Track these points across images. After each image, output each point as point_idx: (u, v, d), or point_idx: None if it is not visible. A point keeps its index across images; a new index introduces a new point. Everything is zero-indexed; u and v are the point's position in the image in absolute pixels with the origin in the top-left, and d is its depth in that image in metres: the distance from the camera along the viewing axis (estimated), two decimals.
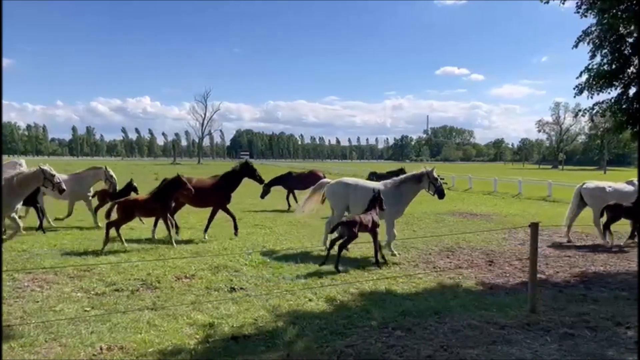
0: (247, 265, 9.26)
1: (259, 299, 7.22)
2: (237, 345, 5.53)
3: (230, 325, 6.14)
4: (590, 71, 9.08)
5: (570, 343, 5.58)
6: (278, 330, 5.94)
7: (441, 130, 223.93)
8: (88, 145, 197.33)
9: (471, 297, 7.62)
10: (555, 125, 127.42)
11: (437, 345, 5.49)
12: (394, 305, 6.97)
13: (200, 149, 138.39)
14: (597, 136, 64.88)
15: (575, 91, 9.24)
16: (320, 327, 6.06)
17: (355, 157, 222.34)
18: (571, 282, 8.81)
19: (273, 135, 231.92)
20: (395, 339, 5.68)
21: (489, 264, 10.12)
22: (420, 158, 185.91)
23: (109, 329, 5.89)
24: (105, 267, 8.84)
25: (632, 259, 10.85)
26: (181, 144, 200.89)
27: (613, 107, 9.06)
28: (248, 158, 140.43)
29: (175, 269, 8.90)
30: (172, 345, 5.46)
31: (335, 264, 9.06)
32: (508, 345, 5.52)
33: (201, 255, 10.10)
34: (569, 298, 7.62)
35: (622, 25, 8.53)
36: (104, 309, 6.71)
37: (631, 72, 8.88)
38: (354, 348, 5.38)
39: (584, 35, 9.15)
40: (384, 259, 9.85)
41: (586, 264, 10.30)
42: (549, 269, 9.80)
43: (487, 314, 6.61)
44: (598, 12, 8.77)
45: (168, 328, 5.98)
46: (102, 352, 5.29)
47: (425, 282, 8.52)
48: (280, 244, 11.72)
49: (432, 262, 10.18)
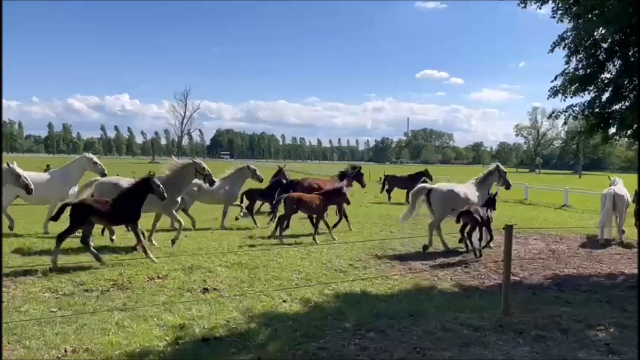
0: (222, 266, 9.12)
1: (232, 300, 7.11)
2: (207, 347, 5.42)
3: (201, 326, 6.02)
4: (565, 75, 9.18)
5: (542, 345, 5.60)
6: (250, 332, 5.84)
7: (421, 133, 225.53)
8: (65, 142, 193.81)
9: (446, 299, 7.63)
10: (533, 129, 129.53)
11: (410, 347, 5.46)
12: (369, 306, 6.93)
13: (179, 147, 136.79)
14: (572, 140, 66.17)
15: (549, 93, 9.34)
16: (293, 329, 5.98)
17: (336, 159, 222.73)
18: (544, 285, 8.89)
19: (254, 135, 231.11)
20: (368, 340, 5.63)
21: (464, 265, 10.16)
22: (400, 160, 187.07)
23: (75, 331, 5.72)
24: (75, 266, 8.63)
25: (603, 261, 11.01)
26: (160, 142, 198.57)
27: (586, 110, 9.18)
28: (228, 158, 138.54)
29: (148, 269, 8.73)
30: (140, 347, 5.32)
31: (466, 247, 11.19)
32: (481, 347, 5.51)
33: (175, 255, 9.93)
34: (542, 300, 7.68)
35: (597, 30, 8.64)
36: (72, 309, 6.52)
37: (604, 77, 9.02)
38: (326, 350, 5.32)
39: (559, 40, 9.25)
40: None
41: (559, 266, 10.42)
42: (523, 271, 9.89)
43: (461, 315, 6.60)
44: (573, 17, 8.88)
45: (137, 329, 5.84)
46: (67, 354, 5.13)
47: (401, 284, 8.50)
48: (257, 244, 11.60)
49: (408, 264, 10.19)
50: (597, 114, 9.07)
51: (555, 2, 9.23)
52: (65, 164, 13.38)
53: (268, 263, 9.50)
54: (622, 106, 8.92)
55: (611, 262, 10.99)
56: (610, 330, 6.13)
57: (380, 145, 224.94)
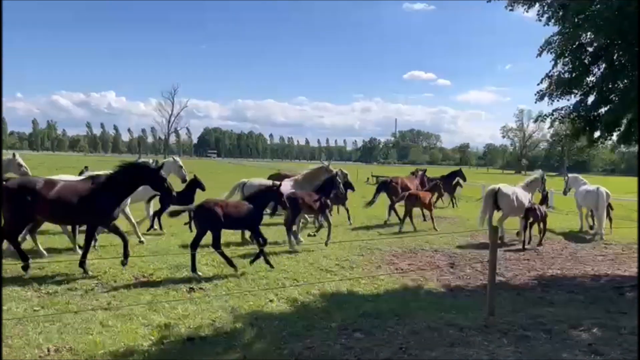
0: (208, 265, 9.08)
1: (218, 300, 7.08)
2: (193, 346, 5.40)
3: (187, 326, 5.99)
4: (551, 78, 9.28)
5: (526, 345, 5.64)
6: (236, 332, 5.83)
7: (409, 134, 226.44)
8: (49, 139, 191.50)
9: (432, 299, 7.67)
10: (519, 131, 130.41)
11: (396, 347, 5.47)
12: (355, 306, 6.94)
13: (166, 146, 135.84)
14: (558, 142, 67.06)
15: (536, 97, 9.43)
16: (279, 328, 5.97)
17: (324, 159, 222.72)
18: (529, 285, 8.98)
19: (242, 134, 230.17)
20: (354, 340, 5.64)
21: (450, 266, 10.23)
22: (388, 161, 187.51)
23: (59, 330, 5.66)
24: (59, 265, 8.54)
25: (587, 262, 11.15)
26: (147, 140, 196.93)
27: (571, 113, 9.28)
28: (215, 156, 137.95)
29: (134, 268, 8.66)
30: (124, 347, 5.28)
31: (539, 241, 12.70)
32: (466, 347, 5.54)
33: (161, 254, 9.87)
34: (527, 301, 7.75)
35: (584, 34, 8.74)
36: (55, 308, 6.45)
37: (590, 81, 9.12)
38: (312, 350, 5.32)
39: (546, 44, 9.33)
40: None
41: (544, 267, 10.52)
42: (509, 271, 9.97)
43: (446, 316, 6.64)
44: (559, 21, 8.97)
45: (122, 329, 5.79)
46: (50, 353, 5.08)
47: (387, 284, 8.53)
48: (244, 243, 11.56)
49: (395, 264, 10.23)
50: (583, 117, 9.18)
51: (541, 6, 9.31)
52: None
53: (255, 263, 9.46)
54: (607, 109, 9.03)
55: (594, 263, 11.13)
56: (594, 331, 6.20)
57: (368, 146, 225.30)
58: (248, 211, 9.03)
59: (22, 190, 8.06)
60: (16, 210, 8.07)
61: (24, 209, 8.08)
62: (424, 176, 19.60)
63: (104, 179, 8.62)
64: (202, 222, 8.79)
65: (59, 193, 8.22)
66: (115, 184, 8.58)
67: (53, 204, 8.16)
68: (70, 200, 8.24)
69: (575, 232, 15.87)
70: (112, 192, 8.58)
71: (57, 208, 8.26)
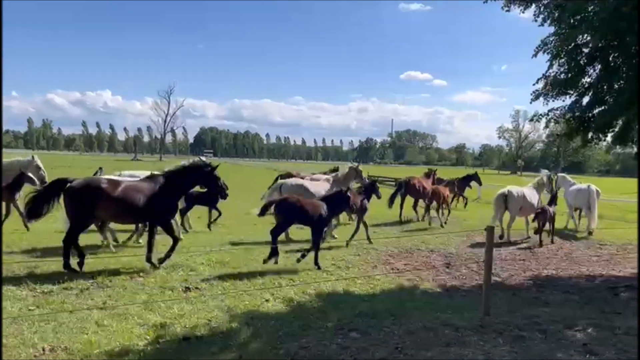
0: (204, 265, 9.07)
1: (214, 299, 7.07)
2: (189, 346, 5.39)
3: (182, 325, 5.98)
4: (547, 78, 9.32)
5: (521, 345, 5.66)
6: (232, 331, 5.82)
7: (405, 134, 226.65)
8: (45, 138, 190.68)
9: (428, 299, 7.69)
10: (515, 132, 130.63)
11: (392, 347, 5.48)
12: (351, 306, 6.95)
13: (162, 145, 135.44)
14: (553, 142, 67.41)
15: (531, 97, 9.47)
16: (275, 328, 5.97)
17: (320, 158, 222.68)
18: (525, 285, 9.01)
19: (238, 133, 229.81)
20: (350, 340, 5.64)
21: (446, 266, 10.25)
22: (384, 161, 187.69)
23: (54, 329, 5.64)
24: (54, 264, 8.49)
25: (581, 263, 11.20)
26: (143, 140, 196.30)
27: (567, 114, 9.32)
28: (211, 156, 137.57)
29: (129, 267, 8.63)
30: (120, 346, 5.27)
31: (540, 237, 13.06)
32: (462, 347, 5.55)
33: (157, 253, 9.81)
34: (522, 301, 7.78)
35: (580, 35, 8.78)
36: (50, 308, 6.42)
37: (585, 82, 9.16)
38: (308, 350, 5.32)
39: (542, 45, 9.37)
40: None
41: (539, 267, 10.56)
42: (504, 272, 10.00)
43: (442, 316, 6.65)
44: (555, 22, 9.00)
45: (117, 328, 5.78)
46: (45, 353, 5.06)
47: (383, 284, 8.54)
48: (240, 243, 11.56)
49: (390, 264, 10.24)
50: (578, 117, 9.22)
51: (537, 7, 9.35)
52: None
53: (251, 262, 9.46)
54: (602, 110, 9.07)
55: (589, 263, 11.18)
56: (588, 331, 6.22)
57: (365, 146, 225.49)
58: (322, 210, 9.54)
59: (86, 190, 8.33)
60: (80, 209, 8.36)
61: (88, 208, 8.35)
62: (434, 176, 19.97)
63: (164, 179, 8.93)
64: (286, 213, 9.36)
65: (122, 193, 8.48)
66: (175, 183, 8.95)
67: (117, 203, 8.41)
68: (133, 200, 8.51)
69: (569, 232, 15.95)
70: (172, 192, 8.94)
71: (120, 207, 8.52)
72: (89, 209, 8.38)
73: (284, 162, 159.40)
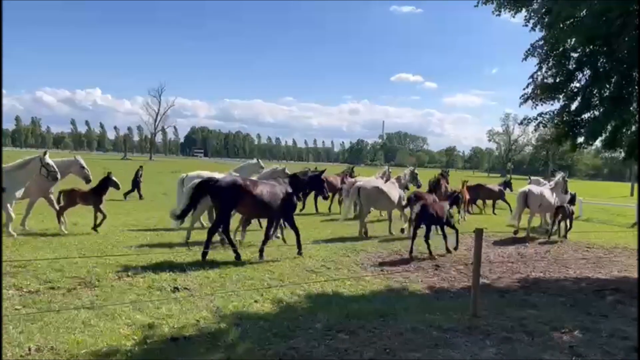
0: (193, 265, 9.02)
1: (202, 300, 7.04)
2: (176, 346, 5.36)
3: (170, 326, 5.94)
4: (535, 81, 9.40)
5: (508, 347, 5.70)
6: (220, 332, 5.80)
7: (396, 136, 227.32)
8: (33, 136, 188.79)
9: (416, 301, 7.71)
10: (505, 135, 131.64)
11: (380, 348, 5.50)
12: (340, 307, 6.95)
13: (152, 144, 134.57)
14: (542, 146, 68.14)
15: (521, 100, 9.55)
16: (264, 329, 5.95)
17: (311, 159, 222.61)
18: (513, 288, 9.06)
19: (229, 133, 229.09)
20: (339, 341, 5.65)
21: (435, 268, 10.29)
22: (375, 162, 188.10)
23: (40, 329, 5.57)
24: (41, 263, 8.42)
25: (569, 265, 11.29)
26: (133, 139, 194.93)
27: (555, 118, 9.40)
28: (202, 156, 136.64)
29: (117, 266, 8.58)
30: (107, 347, 5.22)
31: (558, 234, 14.91)
32: (449, 348, 5.59)
33: (145, 253, 9.79)
34: (510, 303, 7.82)
35: (568, 40, 8.86)
36: (37, 307, 6.36)
37: (574, 87, 9.25)
38: (296, 351, 5.31)
39: (532, 49, 9.44)
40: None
41: (527, 270, 10.64)
42: (493, 274, 10.06)
43: (430, 317, 6.68)
44: (544, 27, 9.08)
45: (104, 328, 5.73)
46: (31, 353, 5.00)
47: (373, 285, 8.56)
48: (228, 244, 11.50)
49: (380, 265, 10.27)
50: (566, 122, 9.30)
51: (528, 11, 9.42)
52: (238, 167, 15.18)
53: (240, 262, 9.45)
54: (590, 115, 9.16)
55: (576, 266, 11.28)
56: (575, 333, 6.29)
57: (356, 147, 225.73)
58: (445, 210, 11.37)
59: (232, 188, 9.62)
60: (225, 204, 9.73)
61: (232, 203, 9.75)
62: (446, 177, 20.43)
63: (289, 181, 10.60)
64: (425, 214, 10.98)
65: (261, 191, 9.89)
66: (297, 185, 10.62)
67: (256, 200, 9.79)
68: (269, 198, 9.95)
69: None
70: (295, 192, 10.54)
71: (258, 204, 9.89)
72: (233, 204, 9.75)
73: (274, 162, 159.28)
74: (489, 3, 9.60)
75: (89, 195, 12.35)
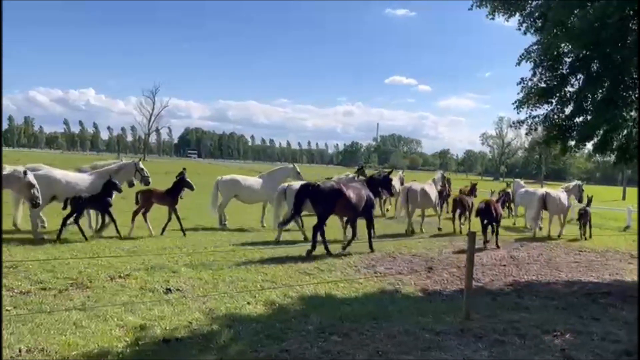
0: (186, 266, 9.00)
1: (195, 301, 7.02)
2: (168, 348, 5.34)
3: (162, 327, 5.92)
4: (528, 85, 9.44)
5: (500, 349, 5.72)
6: (212, 334, 5.78)
7: (390, 139, 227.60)
8: (26, 136, 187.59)
9: (409, 303, 7.72)
10: (498, 138, 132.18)
11: (373, 350, 5.50)
12: (333, 309, 6.95)
13: (146, 145, 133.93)
14: (534, 149, 68.63)
15: (515, 105, 9.58)
16: (256, 331, 5.94)
17: (305, 161, 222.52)
18: (505, 290, 9.09)
19: (223, 134, 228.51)
20: (331, 344, 5.65)
21: (428, 270, 10.31)
22: (369, 165, 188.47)
23: (31, 330, 5.54)
24: (33, 264, 8.37)
25: (561, 269, 11.34)
26: (126, 139, 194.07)
27: (546, 121, 9.45)
28: (195, 157, 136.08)
29: (109, 268, 8.54)
30: (98, 348, 5.20)
31: (582, 234, 16.10)
32: (441, 351, 5.60)
33: (138, 254, 9.75)
34: (502, 306, 7.85)
35: (562, 45, 8.92)
36: (28, 308, 6.32)
37: (567, 91, 9.30)
38: (289, 353, 5.31)
39: (526, 54, 9.49)
40: None
41: (520, 273, 10.68)
42: (485, 277, 10.09)
43: (423, 319, 6.69)
44: (538, 31, 9.14)
45: (96, 330, 5.70)
46: (21, 354, 4.97)
47: (366, 287, 8.56)
48: (222, 245, 11.50)
49: (373, 267, 10.27)
50: (557, 125, 9.35)
51: (521, 16, 9.48)
52: (271, 170, 15.99)
53: (233, 264, 9.43)
54: (583, 119, 9.22)
55: (569, 270, 11.33)
56: (566, 336, 6.32)
57: (350, 149, 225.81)
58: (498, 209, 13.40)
59: (331, 191, 10.94)
60: (325, 206, 10.85)
61: (331, 205, 10.87)
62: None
63: (367, 183, 12.08)
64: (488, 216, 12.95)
65: (353, 193, 11.12)
66: (374, 186, 12.00)
67: (349, 201, 11.01)
68: (357, 199, 11.17)
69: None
70: (373, 193, 11.87)
71: (350, 205, 11.11)
72: (332, 205, 10.87)
73: (268, 164, 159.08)
74: (483, 7, 9.66)
75: (165, 195, 12.31)
